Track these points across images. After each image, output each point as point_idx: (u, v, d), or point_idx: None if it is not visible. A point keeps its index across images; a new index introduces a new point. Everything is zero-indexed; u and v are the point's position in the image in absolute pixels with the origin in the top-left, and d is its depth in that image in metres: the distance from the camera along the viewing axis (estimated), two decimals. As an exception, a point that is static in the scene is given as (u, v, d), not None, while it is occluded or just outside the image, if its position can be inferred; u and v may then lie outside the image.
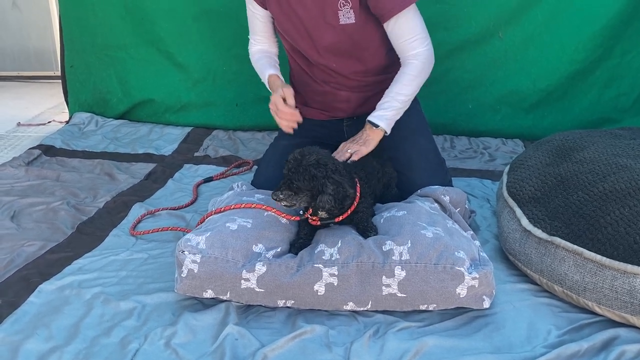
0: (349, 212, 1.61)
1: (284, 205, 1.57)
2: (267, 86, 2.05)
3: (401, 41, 1.89)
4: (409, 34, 1.87)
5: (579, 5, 2.72)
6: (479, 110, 2.99)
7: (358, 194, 1.62)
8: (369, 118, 1.91)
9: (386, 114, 1.90)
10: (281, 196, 1.53)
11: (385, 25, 1.88)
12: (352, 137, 1.94)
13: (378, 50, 1.97)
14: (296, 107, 2.18)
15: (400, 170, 1.97)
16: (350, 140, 1.93)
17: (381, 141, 1.92)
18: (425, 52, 1.90)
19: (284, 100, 1.86)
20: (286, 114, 1.87)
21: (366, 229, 1.61)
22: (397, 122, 1.98)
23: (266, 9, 1.97)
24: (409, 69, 1.91)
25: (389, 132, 1.91)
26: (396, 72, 1.94)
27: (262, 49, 2.11)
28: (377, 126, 1.89)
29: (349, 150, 1.87)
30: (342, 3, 1.84)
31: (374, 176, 1.84)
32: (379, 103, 1.93)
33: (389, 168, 1.94)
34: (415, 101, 2.15)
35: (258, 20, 2.03)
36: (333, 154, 1.79)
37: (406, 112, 2.01)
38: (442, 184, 1.94)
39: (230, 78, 3.04)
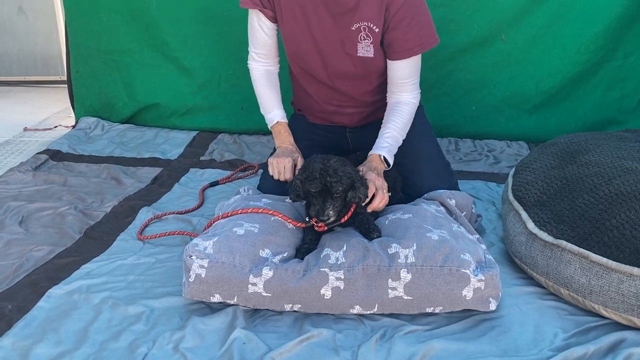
0: (352, 210, 1.63)
1: (332, 221, 1.58)
2: (269, 126, 1.97)
3: (402, 82, 1.88)
4: (410, 75, 1.87)
5: (581, 7, 2.74)
6: (483, 112, 3.01)
7: None
8: (380, 152, 1.83)
9: (392, 148, 1.87)
10: (331, 213, 1.55)
11: (394, 62, 1.84)
12: (368, 165, 1.81)
13: (385, 71, 1.92)
14: (298, 110, 2.18)
15: (406, 176, 1.98)
16: (375, 173, 1.77)
17: None
18: (419, 94, 1.93)
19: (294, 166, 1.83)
20: (289, 180, 1.82)
21: (369, 231, 1.62)
22: None
23: (275, 23, 1.89)
24: (407, 107, 1.89)
25: (391, 166, 1.87)
26: None
27: (266, 70, 1.98)
28: (386, 163, 1.85)
29: (385, 193, 1.75)
30: (363, 36, 1.80)
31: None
32: (381, 136, 1.88)
33: (391, 171, 1.95)
34: (419, 106, 2.16)
35: (264, 33, 1.90)
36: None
37: None
38: (448, 187, 1.94)
39: (236, 82, 3.06)
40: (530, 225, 1.68)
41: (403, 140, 1.96)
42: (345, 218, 1.63)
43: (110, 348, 1.38)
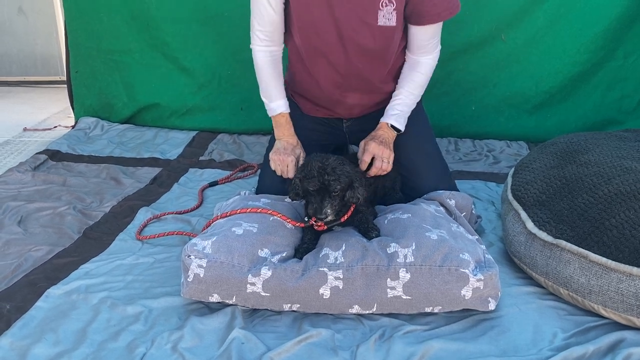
0: (351, 209, 1.62)
1: (329, 220, 1.59)
2: (270, 115, 1.92)
3: (425, 43, 1.84)
4: (432, 37, 1.84)
5: (580, 7, 2.74)
6: (483, 112, 3.01)
7: None
8: (387, 120, 1.84)
9: (402, 115, 1.85)
10: (329, 212, 1.55)
11: (419, 27, 1.79)
12: (374, 134, 1.82)
13: (399, 49, 1.88)
14: (291, 95, 2.08)
15: (406, 176, 1.97)
16: (377, 141, 1.78)
17: None
18: (436, 58, 1.90)
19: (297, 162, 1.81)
20: (290, 174, 1.81)
21: (368, 230, 1.62)
22: None
23: None
24: (423, 67, 1.87)
25: (403, 130, 1.86)
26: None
27: (270, 54, 1.88)
28: (396, 129, 1.84)
29: (385, 161, 1.73)
30: (385, 3, 1.71)
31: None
32: (392, 103, 1.86)
33: (390, 171, 1.95)
34: (419, 106, 2.15)
35: (271, 9, 1.78)
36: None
37: (411, 118, 2.01)
38: (448, 188, 1.93)
39: (235, 82, 3.06)
40: (530, 225, 1.68)
41: (403, 141, 1.95)
42: (345, 217, 1.63)
43: (109, 348, 1.38)
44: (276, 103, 1.90)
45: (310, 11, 1.76)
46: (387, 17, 1.72)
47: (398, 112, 1.84)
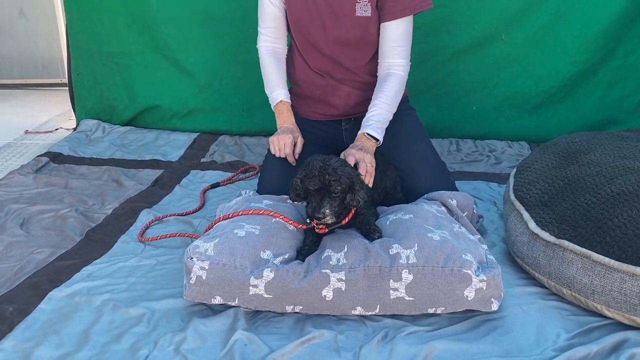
0: (352, 212, 1.62)
1: (328, 222, 1.58)
2: (272, 106, 2.04)
3: (392, 45, 1.94)
4: (402, 40, 1.94)
5: (580, 7, 2.74)
6: (483, 112, 3.01)
7: None
8: (364, 130, 1.88)
9: (379, 125, 1.89)
10: (327, 212, 1.54)
11: (386, 24, 1.92)
12: (353, 144, 1.86)
13: (375, 47, 2.00)
14: (292, 105, 2.14)
15: (403, 178, 1.97)
16: (356, 148, 1.82)
17: (381, 147, 1.91)
18: (408, 66, 1.98)
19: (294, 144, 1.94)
20: (288, 155, 1.93)
21: (370, 231, 1.62)
22: (395, 130, 1.97)
23: None
24: (395, 78, 1.94)
25: (381, 142, 1.90)
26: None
27: (273, 49, 2.05)
28: (374, 138, 1.87)
29: (368, 164, 1.77)
30: None
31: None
32: (367, 115, 1.91)
33: (390, 171, 1.94)
34: (410, 108, 2.16)
35: (272, 5, 1.97)
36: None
37: (403, 120, 2.01)
38: (446, 188, 1.93)
39: (236, 83, 3.06)
40: (532, 225, 1.68)
41: (397, 144, 1.96)
42: (346, 220, 1.63)
43: (112, 350, 1.38)
44: (277, 92, 2.02)
45: (297, 5, 1.95)
46: (364, 8, 1.91)
47: (373, 122, 1.89)
